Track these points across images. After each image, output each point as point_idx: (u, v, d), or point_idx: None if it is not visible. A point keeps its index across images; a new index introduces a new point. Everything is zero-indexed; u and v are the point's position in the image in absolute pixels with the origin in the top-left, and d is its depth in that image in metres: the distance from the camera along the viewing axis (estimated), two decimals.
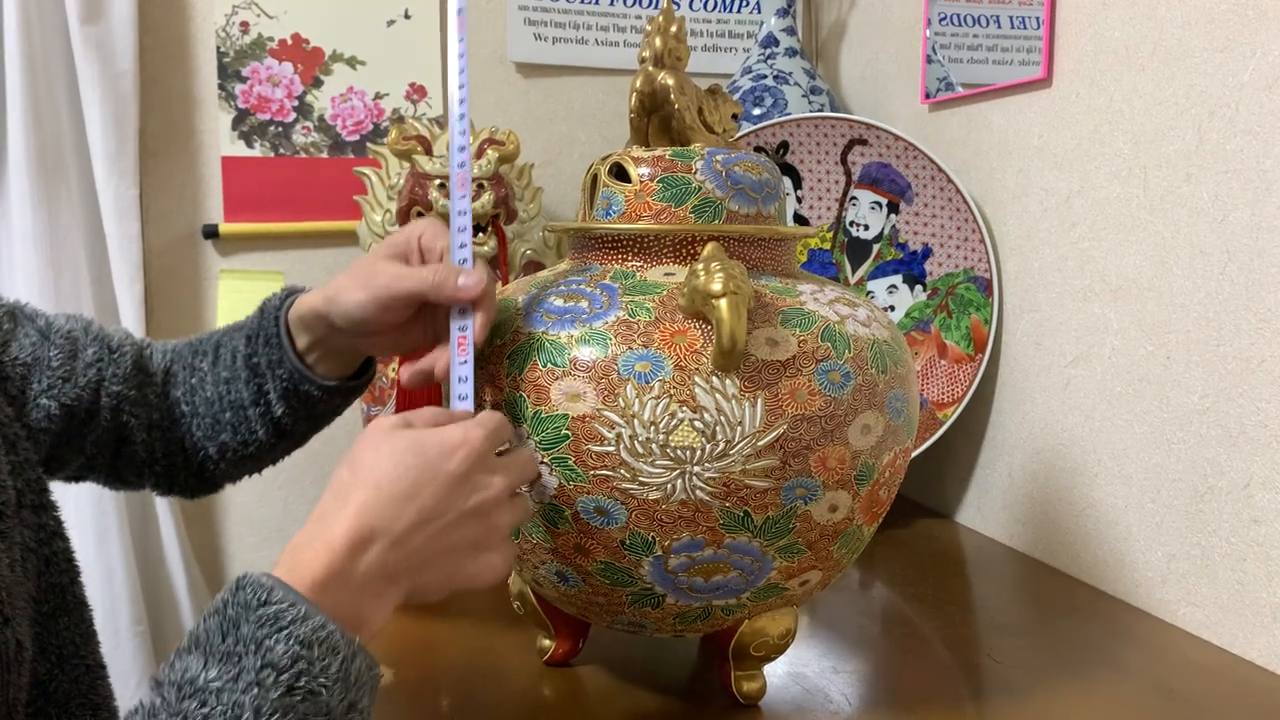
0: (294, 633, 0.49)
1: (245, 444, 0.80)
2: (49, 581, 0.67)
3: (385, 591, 0.54)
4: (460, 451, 0.56)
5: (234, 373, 0.79)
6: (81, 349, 0.76)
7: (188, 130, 1.45)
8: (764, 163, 0.72)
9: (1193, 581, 0.89)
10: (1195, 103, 0.87)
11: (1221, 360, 0.86)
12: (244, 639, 0.49)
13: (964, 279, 1.18)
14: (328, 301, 0.73)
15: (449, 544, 0.56)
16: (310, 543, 0.54)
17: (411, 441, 0.56)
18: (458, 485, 0.56)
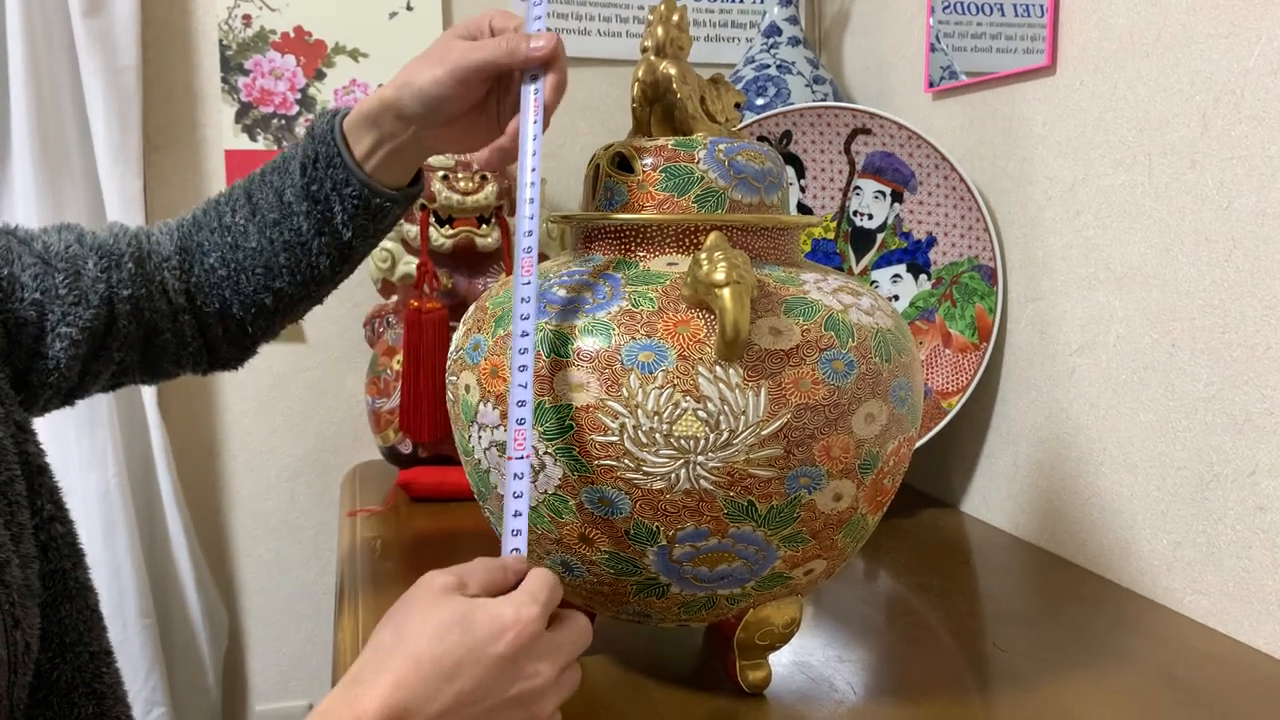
0: None
1: (306, 282, 0.80)
2: (49, 568, 0.67)
3: None
4: (509, 634, 0.53)
5: (285, 213, 0.77)
6: (83, 266, 0.75)
7: (191, 124, 1.45)
8: (767, 152, 0.72)
9: (1198, 569, 0.89)
10: (1200, 89, 0.87)
11: (1227, 347, 0.85)
12: None
13: (968, 268, 1.18)
14: (400, 88, 0.73)
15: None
16: (338, 714, 0.51)
17: (460, 615, 0.53)
18: (502, 670, 0.53)
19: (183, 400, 1.50)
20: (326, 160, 0.76)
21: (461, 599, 0.54)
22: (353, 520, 1.19)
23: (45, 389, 0.74)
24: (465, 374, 0.70)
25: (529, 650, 0.54)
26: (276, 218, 0.78)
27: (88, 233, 0.78)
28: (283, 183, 0.78)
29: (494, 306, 0.70)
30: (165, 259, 0.79)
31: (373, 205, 0.77)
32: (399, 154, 0.77)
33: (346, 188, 0.76)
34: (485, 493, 0.72)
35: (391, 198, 0.78)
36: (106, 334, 0.76)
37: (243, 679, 1.59)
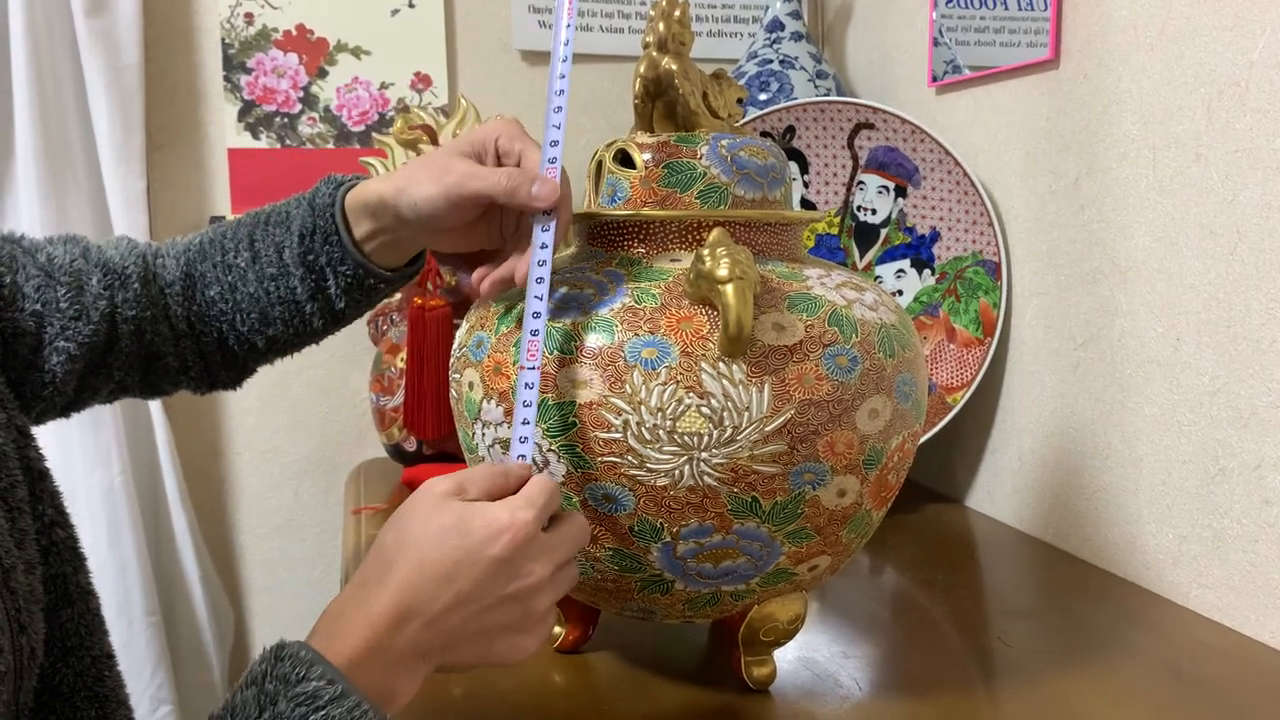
0: (330, 714, 0.49)
1: (299, 334, 0.80)
2: (50, 572, 0.66)
3: (417, 667, 0.55)
4: (505, 537, 0.55)
5: (282, 269, 0.77)
6: (87, 281, 0.74)
7: (194, 123, 1.46)
8: (769, 147, 0.72)
9: (1204, 563, 0.89)
10: (1204, 82, 0.87)
11: (1232, 341, 0.85)
12: (281, 714, 0.49)
13: (972, 262, 1.17)
14: (397, 192, 0.71)
15: (482, 626, 0.56)
16: (350, 614, 0.54)
17: (458, 520, 0.56)
18: (498, 571, 0.55)
19: (187, 399, 1.50)
20: (324, 235, 0.75)
21: (460, 504, 0.56)
22: (357, 518, 1.19)
23: (40, 401, 0.74)
24: (468, 371, 0.69)
25: (524, 551, 0.56)
26: (274, 273, 0.77)
27: (94, 247, 0.77)
28: (283, 239, 0.77)
29: (497, 304, 0.70)
30: (169, 284, 0.79)
31: (366, 284, 0.77)
32: (397, 245, 0.76)
33: (342, 265, 0.76)
34: None
35: (386, 279, 0.77)
36: (107, 352, 0.75)
37: None
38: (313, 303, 0.77)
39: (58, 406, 0.76)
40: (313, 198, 0.77)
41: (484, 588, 0.55)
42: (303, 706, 0.49)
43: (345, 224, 0.75)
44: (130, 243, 0.80)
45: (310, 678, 0.50)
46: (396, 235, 0.75)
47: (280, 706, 0.49)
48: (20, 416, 0.68)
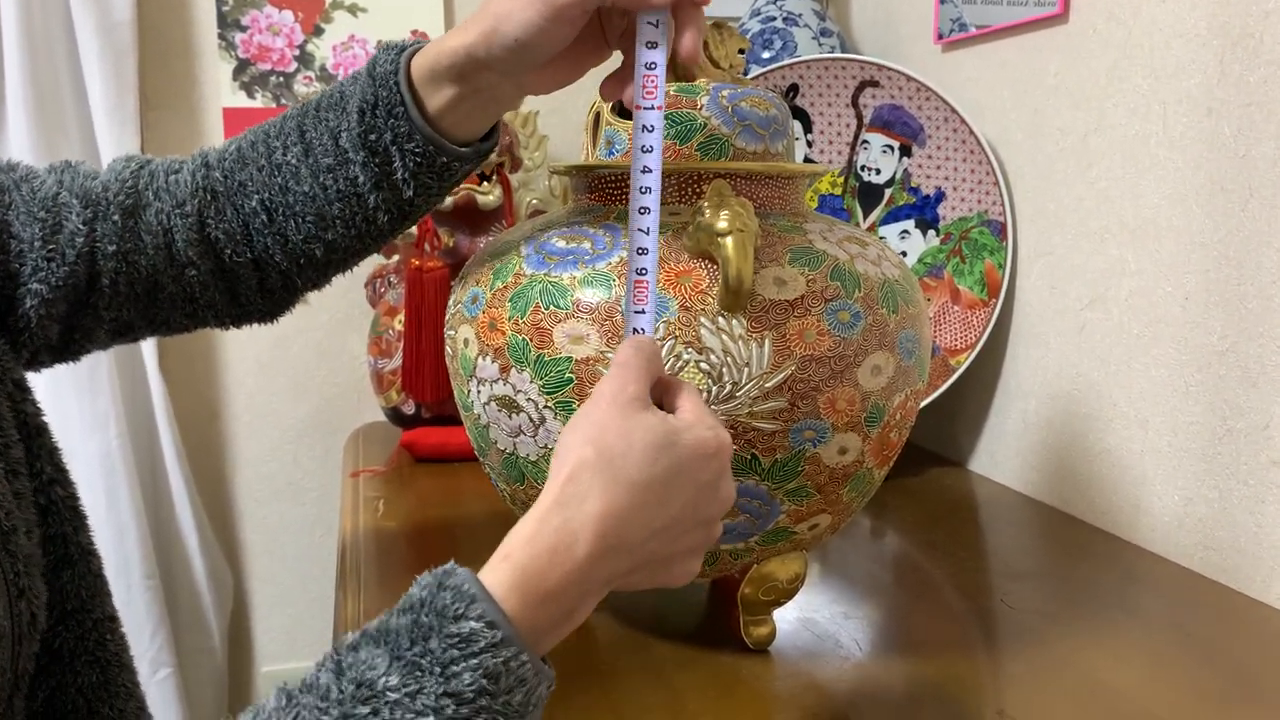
0: (484, 663, 0.44)
1: (361, 235, 0.71)
2: (50, 532, 0.64)
3: (600, 594, 0.50)
4: (715, 462, 0.51)
5: (340, 158, 0.68)
6: (65, 215, 0.67)
7: (188, 82, 1.43)
8: (771, 98, 0.70)
9: (1210, 525, 0.88)
10: (1217, 34, 0.85)
11: (1242, 300, 0.84)
12: (432, 653, 0.44)
13: (978, 223, 1.16)
14: (486, 35, 0.62)
15: (673, 550, 0.51)
16: (549, 539, 0.47)
17: (666, 438, 0.50)
18: (709, 493, 0.51)
19: (184, 362, 1.49)
20: (388, 109, 0.66)
21: (657, 418, 0.50)
22: (356, 481, 1.18)
23: (25, 346, 0.69)
24: (464, 328, 0.68)
25: (724, 473, 0.52)
26: (331, 163, 0.68)
27: (84, 173, 0.71)
28: (339, 123, 0.68)
29: (493, 258, 0.69)
30: (179, 204, 0.70)
31: (439, 164, 0.67)
32: (483, 107, 0.67)
33: (409, 142, 0.66)
34: (485, 448, 0.70)
35: (461, 155, 0.68)
36: (89, 291, 0.69)
37: (248, 640, 1.59)
38: (377, 192, 0.68)
39: (48, 351, 0.71)
40: (371, 68, 0.67)
41: (691, 512, 0.51)
42: (455, 649, 0.44)
43: (413, 93, 0.66)
44: (127, 164, 0.72)
45: (469, 616, 0.44)
46: (485, 94, 0.66)
47: (432, 644, 0.44)
48: (17, 370, 0.65)
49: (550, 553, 0.47)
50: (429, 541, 0.97)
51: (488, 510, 1.03)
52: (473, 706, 0.44)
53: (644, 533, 0.49)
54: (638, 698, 0.67)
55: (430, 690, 0.43)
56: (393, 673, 0.44)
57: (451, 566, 0.47)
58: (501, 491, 0.73)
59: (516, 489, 0.69)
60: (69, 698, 0.64)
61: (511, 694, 0.45)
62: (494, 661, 0.44)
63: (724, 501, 0.52)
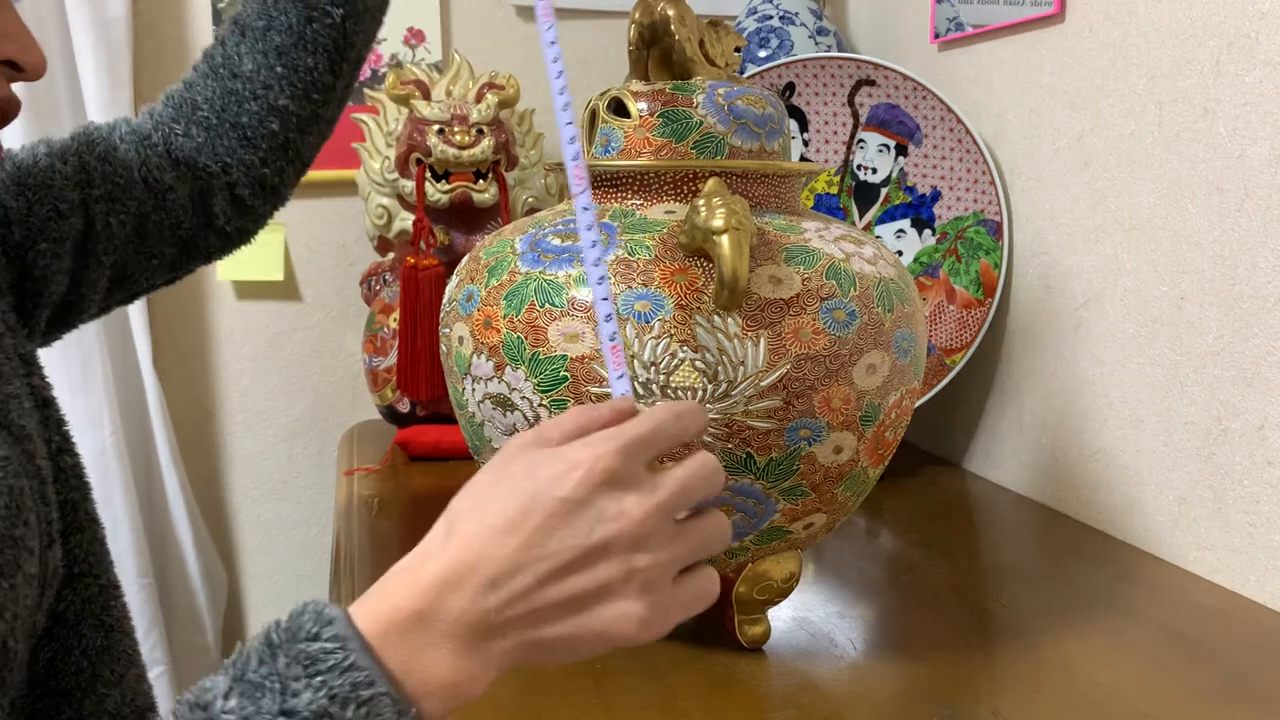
0: (328, 682, 0.41)
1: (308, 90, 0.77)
2: (60, 498, 0.65)
3: (481, 647, 0.43)
4: (577, 473, 0.43)
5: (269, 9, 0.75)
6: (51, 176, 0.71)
7: None
8: (768, 96, 0.70)
9: (1204, 525, 0.88)
10: (1213, 34, 0.85)
11: (1237, 300, 0.84)
12: (276, 674, 0.41)
13: (973, 222, 1.16)
14: None
15: (569, 591, 0.43)
16: (401, 577, 0.45)
17: (529, 464, 0.45)
18: (570, 513, 0.43)
19: (178, 360, 1.49)
20: None
21: (538, 450, 0.46)
22: (350, 479, 1.18)
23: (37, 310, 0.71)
24: (458, 325, 0.68)
25: (607, 489, 0.43)
26: (264, 24, 0.75)
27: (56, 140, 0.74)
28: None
29: (487, 256, 0.69)
30: (144, 138, 0.76)
31: None
32: None
33: None
34: (480, 446, 0.70)
35: None
36: (86, 238, 0.72)
37: (243, 637, 1.58)
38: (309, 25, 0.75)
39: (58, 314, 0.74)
40: None
41: (557, 538, 0.43)
42: (298, 666, 0.41)
43: None
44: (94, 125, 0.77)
45: (320, 638, 0.41)
46: None
47: (278, 663, 0.41)
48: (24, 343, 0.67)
49: (398, 585, 0.44)
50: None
51: None
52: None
53: (501, 562, 0.43)
54: (631, 696, 0.67)
55: (267, 710, 0.40)
56: (232, 695, 0.41)
57: (318, 600, 0.44)
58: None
59: None
60: (72, 660, 0.65)
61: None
62: (340, 682, 0.41)
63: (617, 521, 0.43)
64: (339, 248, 1.52)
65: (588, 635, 0.44)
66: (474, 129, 1.22)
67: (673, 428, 0.46)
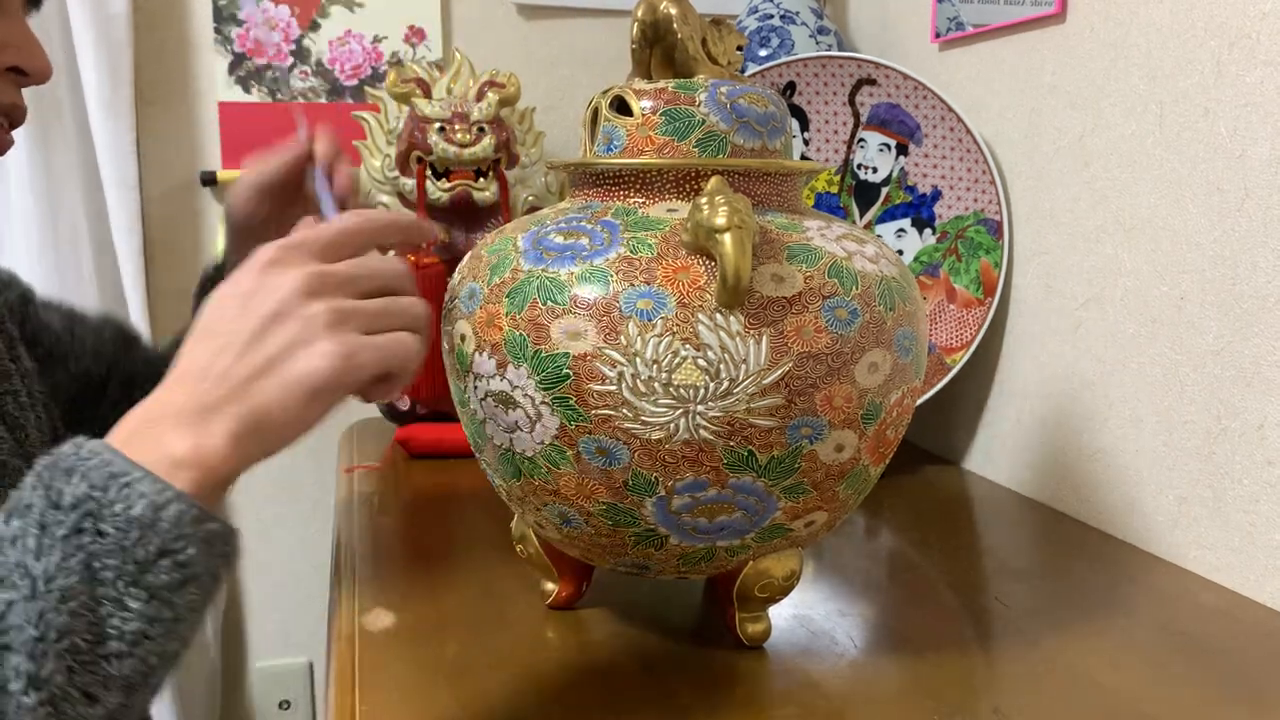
0: (86, 474, 0.46)
1: None
2: None
3: (204, 421, 0.48)
4: (246, 269, 0.51)
5: None
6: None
7: (184, 76, 1.43)
8: (769, 95, 0.70)
9: (1204, 525, 0.88)
10: (1214, 34, 0.85)
11: (1237, 300, 0.84)
12: (42, 484, 0.46)
13: (974, 222, 1.16)
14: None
15: (261, 356, 0.49)
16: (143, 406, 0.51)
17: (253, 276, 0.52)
18: (246, 299, 0.50)
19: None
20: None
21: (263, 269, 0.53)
22: (350, 477, 1.18)
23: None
24: (461, 323, 0.68)
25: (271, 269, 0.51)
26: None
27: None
28: None
29: (490, 254, 0.69)
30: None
31: None
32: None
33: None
34: (481, 444, 0.70)
35: None
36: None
37: (242, 636, 1.59)
38: None
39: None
40: None
41: (240, 321, 0.50)
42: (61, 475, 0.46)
43: None
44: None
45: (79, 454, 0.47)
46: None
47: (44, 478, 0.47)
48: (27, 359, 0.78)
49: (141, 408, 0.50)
50: (424, 537, 0.96)
51: (483, 507, 1.03)
52: (78, 512, 0.45)
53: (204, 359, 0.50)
54: (632, 693, 0.67)
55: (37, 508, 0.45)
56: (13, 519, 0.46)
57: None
58: (497, 487, 0.72)
59: (513, 485, 0.69)
60: None
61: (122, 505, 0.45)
62: (97, 472, 0.46)
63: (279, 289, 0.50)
64: None
65: (293, 385, 0.49)
66: (475, 127, 1.22)
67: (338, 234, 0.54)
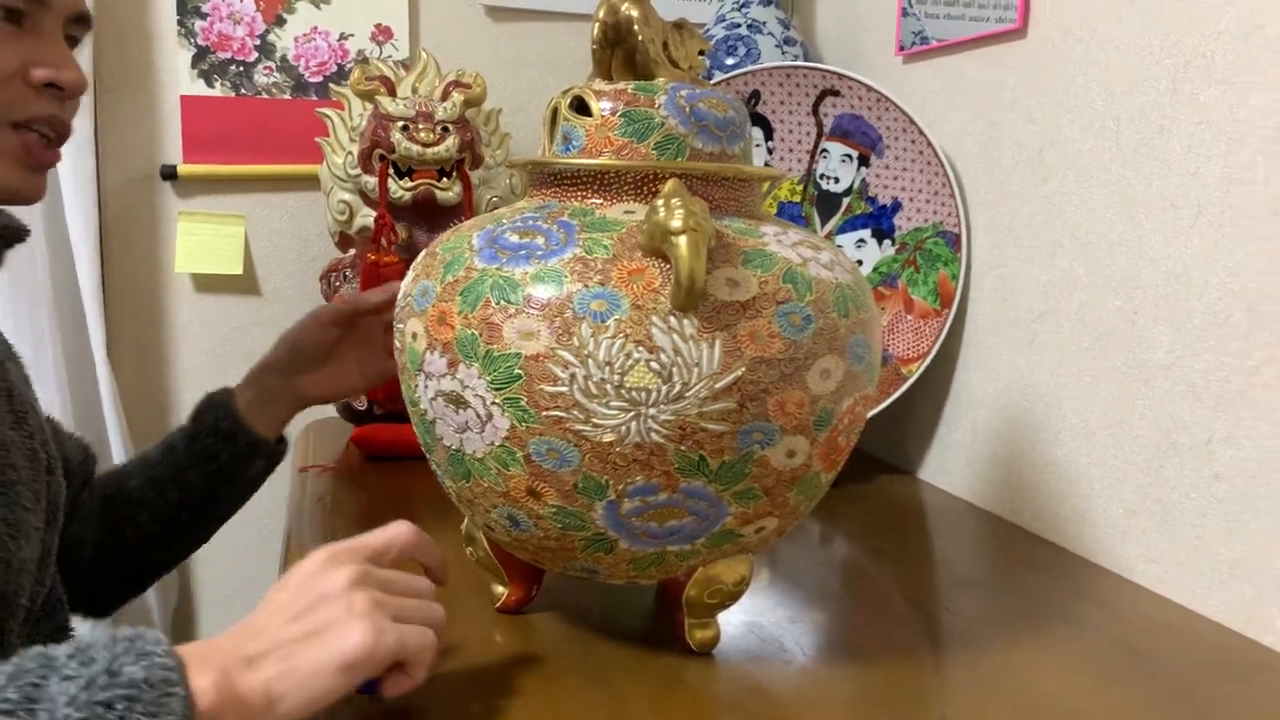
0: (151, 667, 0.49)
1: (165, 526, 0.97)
2: None
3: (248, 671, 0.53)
4: (312, 559, 0.59)
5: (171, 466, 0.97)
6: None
7: (145, 67, 1.41)
8: (730, 100, 0.70)
9: (1153, 537, 0.89)
10: (1170, 52, 0.86)
11: (1188, 315, 0.85)
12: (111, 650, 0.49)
13: (933, 234, 1.17)
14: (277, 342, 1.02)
15: (302, 627, 0.55)
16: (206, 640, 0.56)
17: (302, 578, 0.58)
18: (305, 581, 0.57)
19: (134, 351, 1.47)
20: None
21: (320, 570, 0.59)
22: (304, 476, 1.16)
23: None
24: (413, 321, 0.67)
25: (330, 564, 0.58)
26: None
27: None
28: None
29: (444, 252, 0.68)
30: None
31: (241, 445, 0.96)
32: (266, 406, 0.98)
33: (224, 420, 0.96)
34: (431, 444, 0.70)
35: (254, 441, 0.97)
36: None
37: (193, 637, 1.56)
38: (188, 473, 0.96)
39: None
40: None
41: (295, 597, 0.57)
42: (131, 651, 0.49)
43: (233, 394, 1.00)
44: None
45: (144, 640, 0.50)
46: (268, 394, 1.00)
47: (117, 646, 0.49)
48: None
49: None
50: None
51: (435, 510, 1.02)
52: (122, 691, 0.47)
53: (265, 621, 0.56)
54: (580, 699, 0.67)
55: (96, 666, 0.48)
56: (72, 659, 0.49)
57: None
58: (448, 489, 0.72)
59: (462, 486, 0.68)
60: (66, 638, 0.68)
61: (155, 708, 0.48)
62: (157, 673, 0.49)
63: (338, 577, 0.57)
64: (300, 242, 1.50)
65: (326, 656, 0.54)
66: (439, 127, 1.21)
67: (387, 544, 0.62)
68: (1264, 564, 0.78)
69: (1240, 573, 0.80)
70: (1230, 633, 0.80)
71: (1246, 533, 0.80)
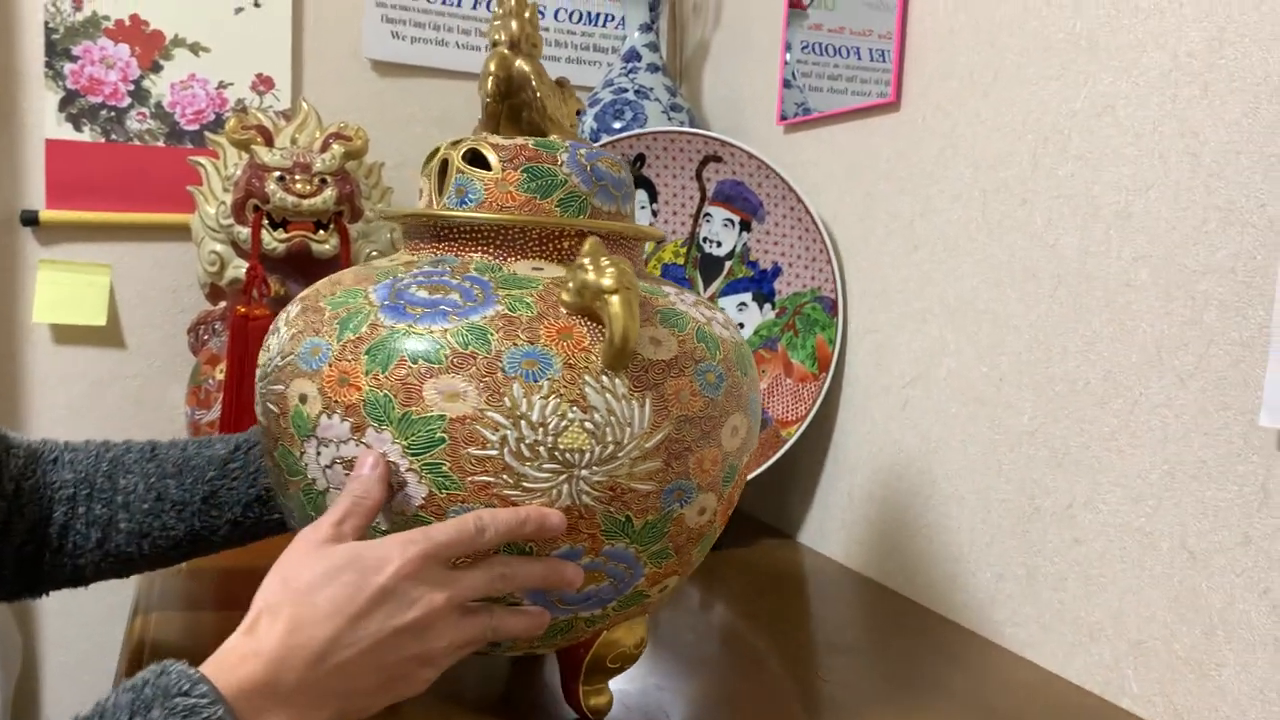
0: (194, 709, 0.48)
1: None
2: None
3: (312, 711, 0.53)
4: (391, 565, 0.55)
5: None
6: None
7: (8, 108, 1.36)
8: (621, 161, 0.72)
9: (1018, 602, 0.92)
10: (1031, 129, 0.91)
11: (1049, 382, 0.89)
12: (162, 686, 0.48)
13: (811, 299, 1.21)
14: None
15: (378, 663, 0.55)
16: (239, 650, 0.53)
17: (351, 556, 0.56)
18: (385, 600, 0.55)
19: None
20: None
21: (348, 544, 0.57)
22: None
23: None
24: (299, 383, 0.63)
25: (417, 578, 0.55)
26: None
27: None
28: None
29: (334, 308, 0.64)
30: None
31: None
32: None
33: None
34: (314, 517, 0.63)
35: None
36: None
37: (36, 707, 1.47)
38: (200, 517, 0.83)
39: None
40: None
41: (374, 620, 0.54)
42: (175, 716, 0.47)
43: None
44: None
45: (193, 694, 0.48)
46: None
47: (154, 714, 0.47)
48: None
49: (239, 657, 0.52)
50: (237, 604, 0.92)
51: None
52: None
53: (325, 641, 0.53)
54: None
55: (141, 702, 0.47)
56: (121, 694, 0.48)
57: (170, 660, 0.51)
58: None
59: None
60: None
61: None
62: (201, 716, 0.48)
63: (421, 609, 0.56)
64: (168, 294, 1.45)
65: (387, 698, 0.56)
66: (317, 178, 1.19)
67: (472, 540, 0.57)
68: (1120, 627, 0.81)
69: (1099, 636, 0.83)
70: (1090, 695, 0.83)
71: (1104, 596, 0.83)
